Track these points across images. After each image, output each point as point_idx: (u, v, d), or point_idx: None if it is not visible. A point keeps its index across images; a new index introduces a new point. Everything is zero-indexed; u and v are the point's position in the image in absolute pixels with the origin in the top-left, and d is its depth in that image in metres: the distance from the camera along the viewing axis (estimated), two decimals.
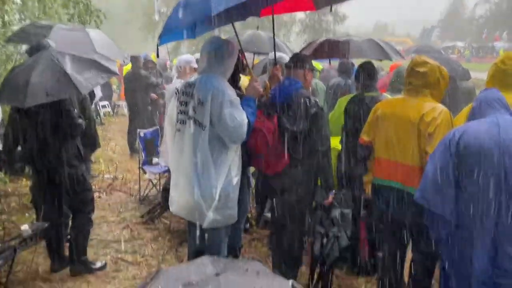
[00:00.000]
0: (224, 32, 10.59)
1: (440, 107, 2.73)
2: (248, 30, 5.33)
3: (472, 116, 2.41)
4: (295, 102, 3.04)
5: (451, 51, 37.34)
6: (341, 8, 28.73)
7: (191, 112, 2.76)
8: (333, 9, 26.13)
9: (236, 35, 3.23)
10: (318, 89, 6.07)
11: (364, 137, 3.04)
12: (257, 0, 3.00)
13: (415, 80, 2.84)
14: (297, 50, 5.00)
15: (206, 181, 2.71)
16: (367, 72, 3.59)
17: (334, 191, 3.28)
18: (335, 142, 3.71)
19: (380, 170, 2.93)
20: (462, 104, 4.26)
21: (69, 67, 3.29)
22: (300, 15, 26.21)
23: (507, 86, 2.69)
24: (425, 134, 2.66)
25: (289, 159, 3.05)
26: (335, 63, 6.97)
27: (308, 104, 3.04)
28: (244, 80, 3.54)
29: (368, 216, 3.32)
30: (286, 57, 4.07)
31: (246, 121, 2.70)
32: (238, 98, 2.76)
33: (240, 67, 3.11)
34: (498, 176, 2.09)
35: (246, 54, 3.36)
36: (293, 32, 28.99)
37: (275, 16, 3.31)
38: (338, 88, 5.78)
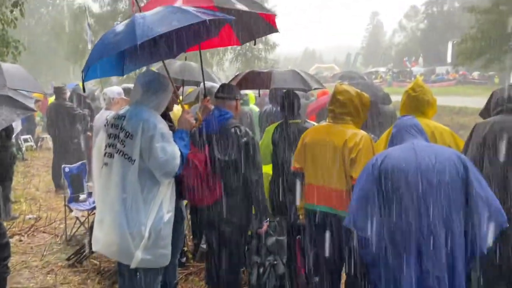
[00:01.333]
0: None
1: (361, 133, 2.89)
2: (177, 60, 5.31)
3: (391, 142, 2.56)
4: (226, 132, 3.05)
5: (374, 76, 40.00)
6: (271, 36, 29.77)
7: (119, 146, 2.66)
8: (264, 37, 26.80)
9: (165, 66, 3.19)
10: (254, 115, 6.21)
11: (295, 164, 3.13)
12: (183, 39, 3.01)
13: (336, 108, 2.99)
14: (231, 77, 5.09)
15: (135, 218, 2.59)
16: (291, 101, 3.71)
17: (268, 219, 3.28)
18: (267, 169, 3.75)
19: (311, 196, 3.00)
20: (385, 127, 4.52)
21: None
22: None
23: (418, 111, 2.92)
24: (349, 159, 2.80)
25: (222, 190, 3.03)
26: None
27: (239, 133, 3.05)
28: (175, 112, 3.49)
29: (303, 242, 3.35)
30: (217, 87, 4.10)
31: (178, 154, 2.64)
32: (171, 132, 2.71)
33: (172, 101, 3.08)
34: (418, 199, 2.21)
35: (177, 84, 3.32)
36: (226, 60, 29.42)
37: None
38: (269, 115, 5.90)
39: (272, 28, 3.46)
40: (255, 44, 3.86)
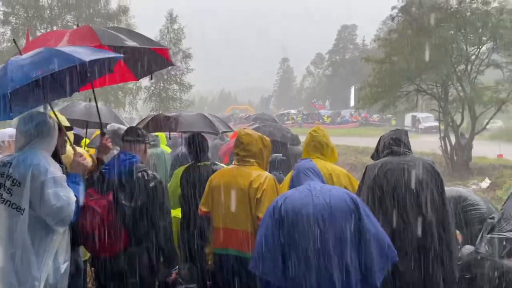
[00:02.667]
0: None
1: (266, 174, 3.02)
2: (81, 102, 5.13)
3: (292, 184, 2.68)
4: (132, 177, 2.93)
5: (286, 118, 42.00)
6: (186, 77, 30.01)
7: (5, 195, 2.44)
8: (178, 78, 26.75)
9: (50, 106, 3.01)
10: (166, 157, 6.10)
11: (202, 208, 3.10)
12: (72, 79, 2.92)
13: (241, 151, 3.08)
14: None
15: (26, 274, 2.35)
16: (198, 143, 3.73)
17: (177, 266, 3.17)
18: (176, 212, 3.66)
19: (219, 240, 2.98)
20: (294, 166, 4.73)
21: None
22: (144, 82, 26.36)
23: (318, 151, 3.19)
24: (254, 200, 2.88)
25: (128, 238, 2.87)
26: None
27: (146, 177, 2.95)
28: (68, 154, 3.28)
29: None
30: (124, 129, 3.97)
31: (73, 199, 2.48)
32: (64, 176, 2.53)
33: (62, 143, 2.90)
34: (315, 238, 2.31)
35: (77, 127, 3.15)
36: (139, 100, 28.83)
37: (119, 84, 3.26)
38: (182, 157, 5.84)
39: (167, 62, 3.52)
40: (151, 79, 3.84)
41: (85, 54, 2.48)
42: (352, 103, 38.27)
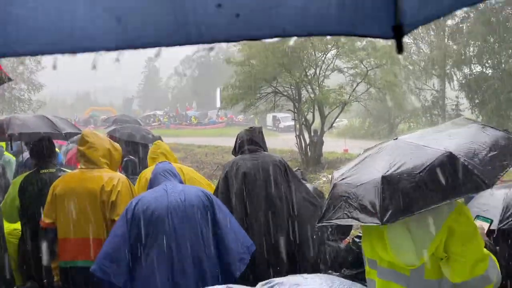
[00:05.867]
0: None
1: (118, 175, 2.90)
2: None
3: (150, 186, 2.66)
4: None
5: (153, 119, 40.88)
6: (37, 76, 26.95)
7: None
8: (27, 77, 23.88)
9: None
10: (11, 164, 5.47)
11: (45, 220, 2.81)
12: None
13: (87, 150, 2.90)
14: None
15: None
16: (41, 147, 3.37)
17: (16, 285, 2.83)
18: (14, 226, 3.26)
19: (65, 252, 2.75)
20: None
21: None
22: None
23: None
24: (109, 204, 2.74)
25: None
26: None
27: None
28: None
29: None
30: None
31: None
32: None
33: None
34: (170, 237, 2.31)
35: None
36: None
37: None
38: (27, 164, 5.25)
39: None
40: None
41: None
42: (218, 104, 39.14)
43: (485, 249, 1.88)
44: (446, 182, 1.74)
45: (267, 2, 0.88)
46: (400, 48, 0.95)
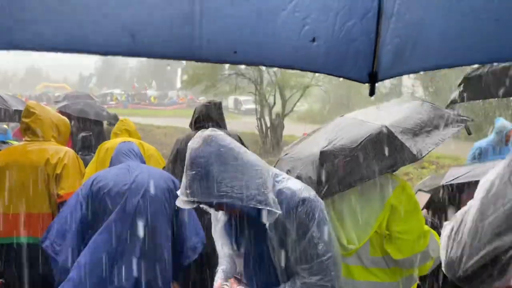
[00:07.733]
0: None
1: (65, 148, 2.74)
2: None
3: (111, 163, 2.51)
4: None
5: (110, 98, 39.50)
6: None
7: None
8: None
9: None
10: None
11: None
12: None
13: (32, 122, 2.73)
14: None
15: None
16: None
17: None
18: None
19: (7, 228, 2.56)
20: None
21: None
22: None
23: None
24: (53, 177, 2.61)
25: None
26: None
27: None
28: None
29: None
30: None
31: None
32: None
33: None
34: (129, 213, 2.18)
35: None
36: None
37: None
38: None
39: None
40: None
41: None
42: (178, 85, 38.41)
43: (426, 226, 1.93)
44: (381, 155, 1.77)
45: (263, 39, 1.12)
46: (372, 92, 1.12)
